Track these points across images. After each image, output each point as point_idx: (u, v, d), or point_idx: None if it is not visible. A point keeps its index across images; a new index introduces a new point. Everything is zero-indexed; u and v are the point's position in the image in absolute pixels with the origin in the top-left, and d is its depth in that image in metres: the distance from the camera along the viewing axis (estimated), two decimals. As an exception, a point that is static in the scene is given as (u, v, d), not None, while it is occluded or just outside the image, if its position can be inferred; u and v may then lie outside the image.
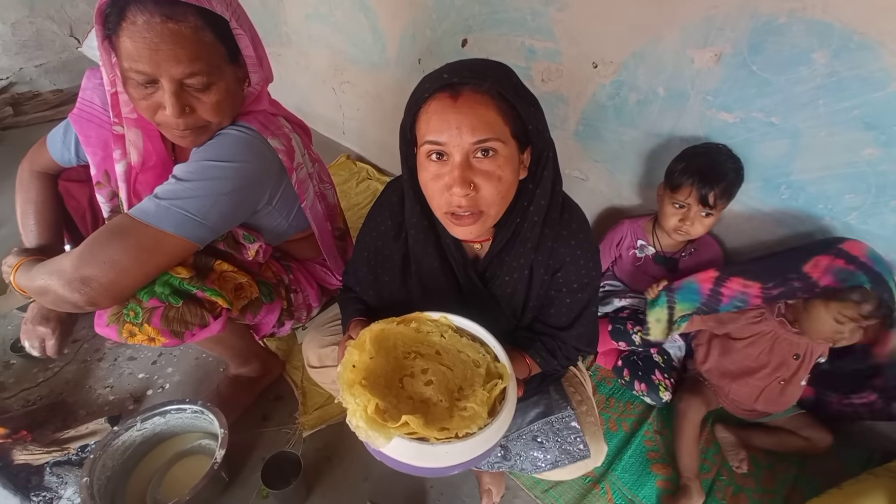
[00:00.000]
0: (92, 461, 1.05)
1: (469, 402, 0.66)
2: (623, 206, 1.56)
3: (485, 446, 0.64)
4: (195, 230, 0.87)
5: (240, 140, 0.91)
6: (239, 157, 0.90)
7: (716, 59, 1.16)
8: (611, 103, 1.40)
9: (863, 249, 1.03)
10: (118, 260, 0.82)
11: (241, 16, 0.87)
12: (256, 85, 0.95)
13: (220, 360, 1.47)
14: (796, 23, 1.03)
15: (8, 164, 2.44)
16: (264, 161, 0.95)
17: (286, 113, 1.09)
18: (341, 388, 0.66)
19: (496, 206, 0.74)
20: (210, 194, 0.86)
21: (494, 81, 0.69)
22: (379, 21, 1.98)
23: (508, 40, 1.53)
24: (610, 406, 1.41)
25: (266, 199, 1.00)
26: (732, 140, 1.21)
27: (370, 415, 0.62)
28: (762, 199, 1.23)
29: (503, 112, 0.70)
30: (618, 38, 1.30)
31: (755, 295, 1.11)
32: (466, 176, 0.70)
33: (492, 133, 0.68)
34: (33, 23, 3.01)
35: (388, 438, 0.61)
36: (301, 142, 1.09)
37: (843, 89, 1.03)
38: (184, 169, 0.87)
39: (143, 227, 0.83)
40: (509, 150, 0.71)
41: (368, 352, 0.70)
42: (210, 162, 0.88)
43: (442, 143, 0.69)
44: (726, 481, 1.25)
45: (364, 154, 2.54)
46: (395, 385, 0.70)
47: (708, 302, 1.18)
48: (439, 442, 0.62)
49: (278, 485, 1.07)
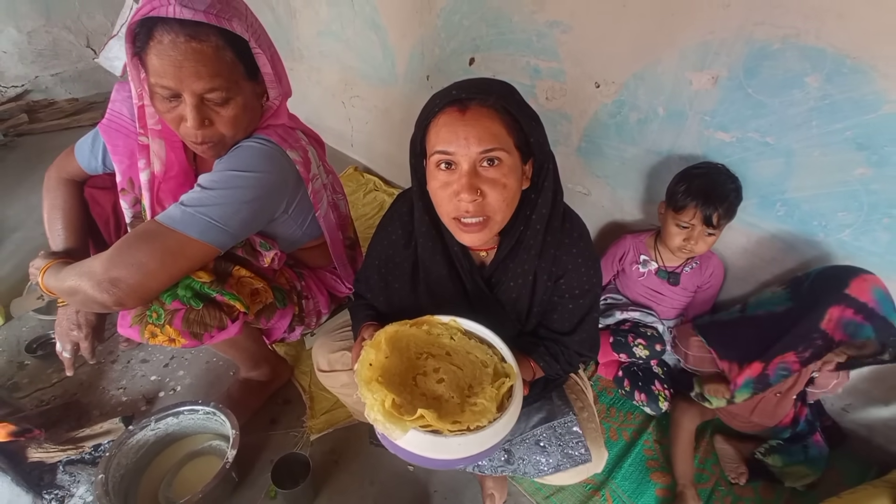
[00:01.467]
0: (107, 459, 1.08)
1: (479, 398, 0.71)
2: (625, 220, 1.60)
3: (495, 439, 0.69)
4: (218, 236, 0.91)
5: (261, 152, 0.96)
6: (260, 168, 0.95)
7: (713, 81, 1.21)
8: (612, 121, 1.46)
9: (869, 291, 1.03)
10: (145, 262, 0.86)
11: (262, 36, 0.93)
12: (275, 100, 1.01)
13: (231, 363, 1.50)
14: (790, 48, 1.08)
15: (23, 170, 2.53)
16: (283, 172, 1.00)
17: (303, 127, 1.15)
18: (359, 385, 0.70)
19: (501, 213, 0.79)
20: (232, 202, 0.91)
21: (499, 97, 0.75)
22: (389, 39, 2.05)
23: (514, 60, 1.59)
24: (611, 416, 1.44)
25: (283, 207, 1.05)
26: (729, 159, 1.26)
27: (388, 409, 0.66)
28: (759, 215, 1.27)
29: (507, 125, 0.76)
30: (619, 59, 1.35)
31: (793, 361, 1.13)
32: (473, 183, 0.75)
33: (497, 143, 0.74)
34: (49, 32, 3.09)
35: (404, 431, 0.65)
36: (316, 154, 1.14)
37: (835, 111, 1.07)
38: (208, 178, 0.92)
39: (169, 232, 0.88)
40: (513, 160, 0.77)
41: (384, 351, 0.74)
42: (233, 172, 0.93)
43: (451, 153, 0.75)
44: (724, 491, 1.28)
45: (371, 166, 2.60)
46: (409, 383, 0.74)
47: (759, 383, 1.19)
48: (452, 434, 0.66)
49: (287, 485, 1.09)
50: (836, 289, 1.05)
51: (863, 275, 1.05)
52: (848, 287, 1.03)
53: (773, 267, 1.32)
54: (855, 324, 1.03)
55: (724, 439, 1.36)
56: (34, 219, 2.10)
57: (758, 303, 1.25)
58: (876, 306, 1.02)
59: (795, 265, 1.27)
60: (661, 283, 1.42)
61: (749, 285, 1.39)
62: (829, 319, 1.05)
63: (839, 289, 1.04)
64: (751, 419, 1.30)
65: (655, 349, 1.35)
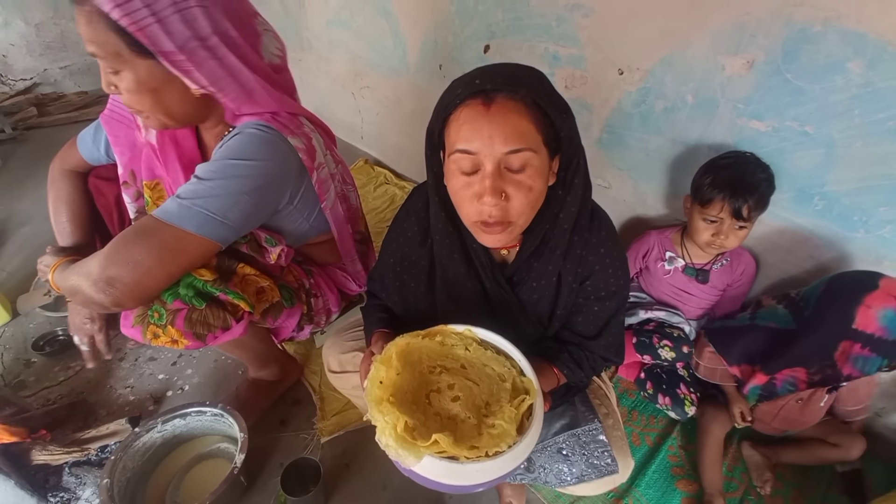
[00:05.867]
0: (112, 462, 1.05)
1: (497, 420, 0.65)
2: (648, 215, 1.53)
3: (514, 464, 0.63)
4: (217, 230, 0.86)
5: (259, 138, 0.90)
6: (259, 156, 0.89)
7: (748, 66, 1.13)
8: (636, 111, 1.38)
9: (876, 319, 0.98)
10: (141, 260, 0.82)
11: (162, 13, 0.78)
12: (214, 89, 0.87)
13: (239, 362, 1.46)
14: (831, 31, 1.01)
15: (32, 163, 2.51)
16: (284, 160, 0.94)
17: (307, 113, 1.08)
18: (369, 405, 0.64)
19: (525, 216, 0.73)
20: (231, 193, 0.86)
21: (529, 89, 0.67)
22: (400, 26, 1.98)
23: (532, 46, 1.52)
24: (632, 419, 1.38)
25: (287, 198, 0.99)
26: (764, 149, 1.18)
27: (400, 433, 0.60)
28: (795, 210, 1.20)
29: (536, 120, 0.68)
30: (645, 44, 1.28)
31: (802, 379, 1.13)
32: (498, 185, 0.68)
33: (524, 143, 0.67)
34: (58, 24, 3.06)
35: (418, 458, 0.60)
36: (323, 142, 1.08)
37: (878, 100, 1.01)
38: (205, 168, 0.87)
39: (165, 227, 0.83)
40: (540, 160, 0.70)
41: (395, 367, 0.68)
42: (230, 161, 0.87)
43: (473, 153, 0.68)
44: (754, 501, 1.22)
45: (382, 158, 2.55)
46: (422, 401, 0.68)
47: (765, 391, 1.20)
48: (469, 460, 0.60)
49: (297, 491, 1.05)
50: (845, 320, 1.02)
51: (867, 298, 0.99)
52: (854, 321, 1.00)
53: (807, 264, 1.25)
54: (863, 358, 1.01)
55: (752, 445, 1.31)
56: (43, 213, 2.05)
57: (768, 315, 1.21)
58: (884, 333, 0.98)
59: (833, 262, 1.20)
60: (689, 282, 1.35)
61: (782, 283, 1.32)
62: (843, 352, 1.03)
63: (848, 322, 1.01)
64: (772, 425, 1.24)
65: (682, 351, 1.29)
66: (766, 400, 1.21)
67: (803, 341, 1.10)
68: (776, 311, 1.19)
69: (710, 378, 1.31)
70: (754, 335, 1.22)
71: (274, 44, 0.96)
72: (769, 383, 1.18)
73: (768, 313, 1.21)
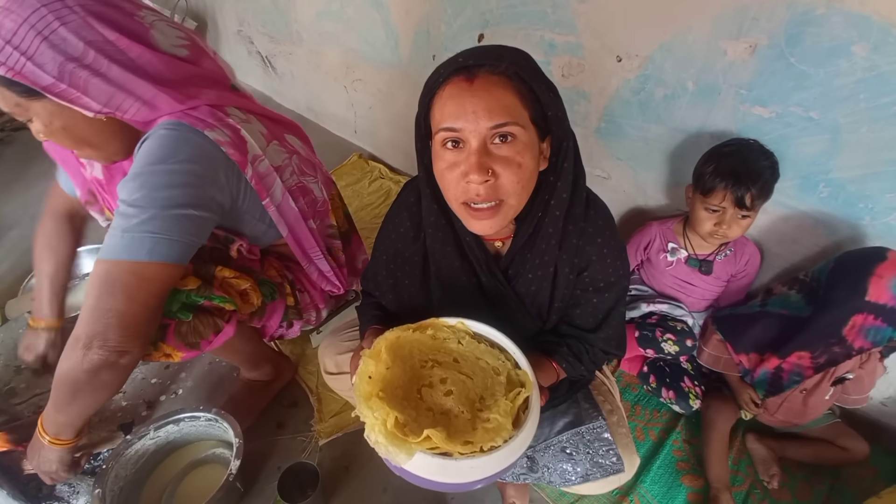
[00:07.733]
0: (104, 472, 1.02)
1: (492, 414, 0.62)
2: (648, 206, 1.50)
3: (510, 459, 0.60)
4: (168, 249, 0.81)
5: (170, 138, 0.83)
6: (175, 157, 0.82)
7: (750, 50, 1.10)
8: (635, 99, 1.35)
9: (888, 288, 0.97)
10: (112, 307, 0.78)
11: (10, 55, 0.73)
12: (109, 109, 0.81)
13: (233, 364, 1.43)
14: (835, 14, 0.98)
15: (19, 165, 2.46)
16: (203, 155, 0.86)
17: (241, 102, 0.99)
18: (358, 401, 0.61)
19: (516, 196, 0.69)
20: (163, 206, 0.80)
21: (511, 63, 0.65)
22: (392, 17, 1.93)
23: (527, 34, 1.48)
24: (636, 414, 1.36)
25: (228, 196, 0.92)
26: (768, 136, 1.15)
27: (390, 429, 0.57)
28: (800, 197, 1.17)
29: (522, 95, 0.66)
30: (644, 29, 1.24)
31: (807, 367, 1.11)
32: (484, 162, 0.65)
33: (510, 117, 0.64)
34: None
35: (409, 454, 0.57)
36: (265, 132, 1.00)
37: (883, 84, 0.98)
38: (126, 188, 0.81)
39: (116, 266, 0.79)
40: (528, 136, 0.67)
41: (384, 361, 0.65)
42: (147, 170, 0.80)
43: (457, 129, 0.65)
44: (760, 495, 1.20)
45: (376, 153, 2.51)
46: (414, 396, 0.65)
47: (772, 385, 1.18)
48: (463, 456, 0.58)
49: (295, 496, 1.03)
50: (857, 293, 1.00)
51: (879, 268, 0.98)
52: (867, 293, 0.99)
53: (812, 253, 1.23)
54: (876, 329, 1.00)
55: (757, 438, 1.29)
56: (30, 216, 2.04)
57: (780, 302, 1.18)
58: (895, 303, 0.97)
59: (838, 251, 1.17)
60: (692, 273, 1.33)
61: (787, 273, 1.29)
62: (853, 326, 1.01)
63: (861, 294, 1.00)
64: (776, 416, 1.22)
65: (686, 344, 1.26)
66: (771, 395, 1.19)
67: (814, 323, 1.08)
68: (788, 297, 1.16)
69: (714, 366, 1.29)
70: (765, 322, 1.19)
71: (174, 33, 0.88)
72: (776, 373, 1.15)
73: (780, 300, 1.19)
